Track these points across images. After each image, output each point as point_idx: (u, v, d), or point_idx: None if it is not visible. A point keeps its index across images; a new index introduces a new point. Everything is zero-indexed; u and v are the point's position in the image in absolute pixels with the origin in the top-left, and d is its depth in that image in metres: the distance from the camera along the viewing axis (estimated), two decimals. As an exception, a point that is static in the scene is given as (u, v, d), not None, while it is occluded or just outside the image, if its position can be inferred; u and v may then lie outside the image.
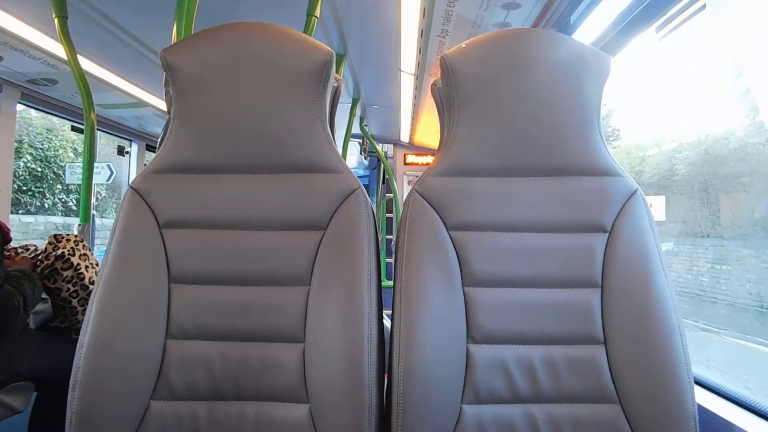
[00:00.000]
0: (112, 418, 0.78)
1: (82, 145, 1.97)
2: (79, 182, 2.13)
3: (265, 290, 0.84)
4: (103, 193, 6.68)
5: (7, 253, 1.49)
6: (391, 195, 4.51)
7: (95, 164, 2.03)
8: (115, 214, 0.88)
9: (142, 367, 0.80)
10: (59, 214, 6.52)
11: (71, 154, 6.57)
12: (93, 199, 2.09)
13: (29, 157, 5.98)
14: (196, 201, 0.87)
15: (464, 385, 0.82)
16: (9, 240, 1.46)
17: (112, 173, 3.42)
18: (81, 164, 2.03)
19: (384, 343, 0.87)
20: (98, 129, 2.50)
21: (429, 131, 3.99)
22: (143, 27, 1.95)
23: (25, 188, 5.96)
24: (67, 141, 6.51)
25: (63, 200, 6.59)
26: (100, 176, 3.43)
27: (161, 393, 0.81)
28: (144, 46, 2.12)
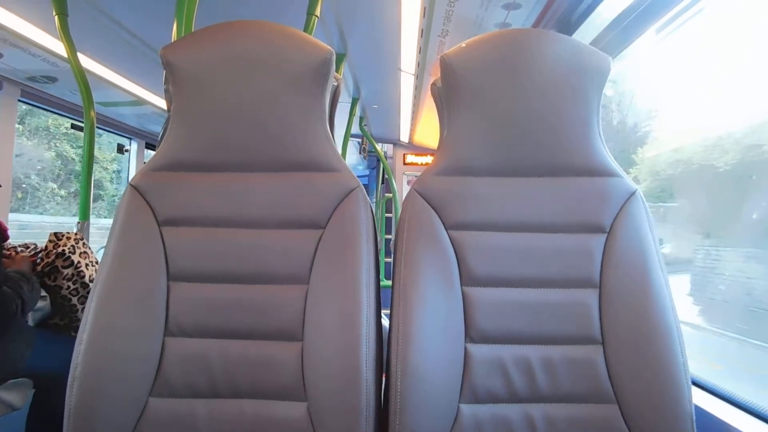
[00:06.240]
0: (110, 416, 0.78)
1: None
2: None
3: (263, 288, 0.84)
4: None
5: (7, 252, 1.49)
6: (391, 195, 4.51)
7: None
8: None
9: (141, 364, 0.80)
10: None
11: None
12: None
13: None
14: (195, 199, 0.87)
15: (462, 384, 0.82)
16: (6, 238, 1.46)
17: None
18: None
19: (382, 343, 0.87)
20: (98, 127, 2.50)
21: (429, 131, 3.99)
22: (143, 25, 1.95)
23: None
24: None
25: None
26: None
27: (159, 390, 0.81)
28: (144, 44, 2.12)
